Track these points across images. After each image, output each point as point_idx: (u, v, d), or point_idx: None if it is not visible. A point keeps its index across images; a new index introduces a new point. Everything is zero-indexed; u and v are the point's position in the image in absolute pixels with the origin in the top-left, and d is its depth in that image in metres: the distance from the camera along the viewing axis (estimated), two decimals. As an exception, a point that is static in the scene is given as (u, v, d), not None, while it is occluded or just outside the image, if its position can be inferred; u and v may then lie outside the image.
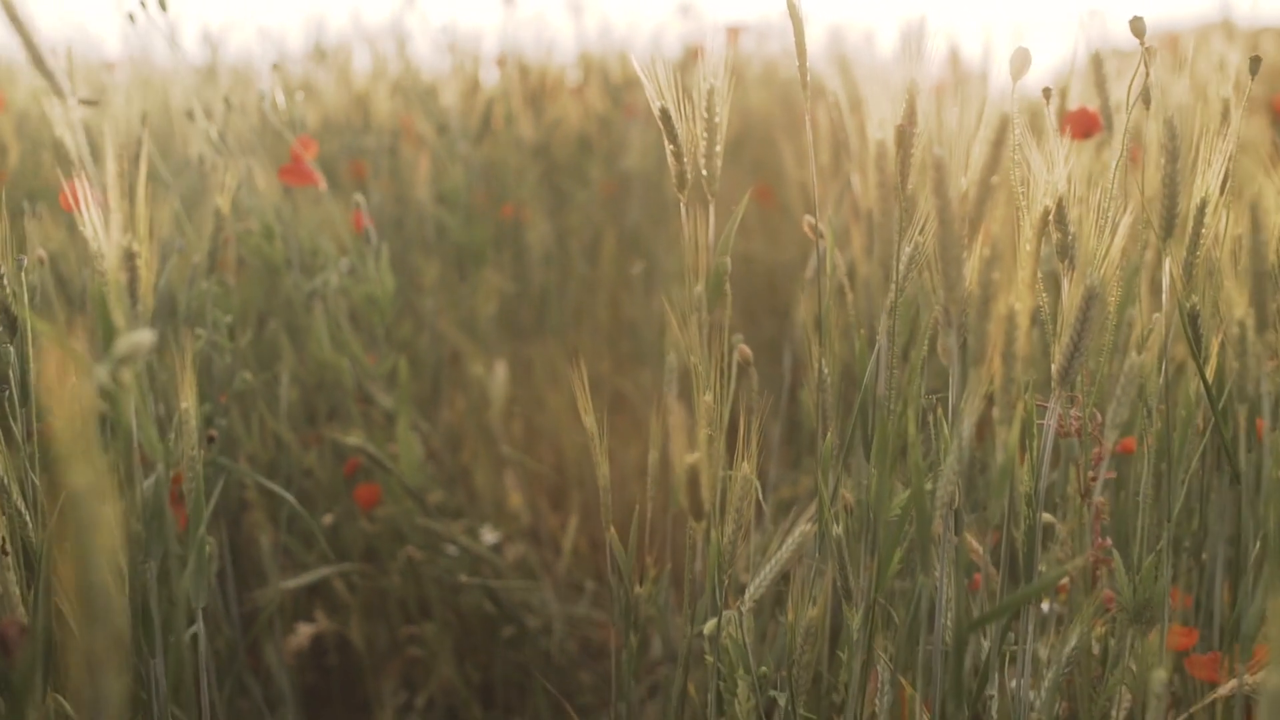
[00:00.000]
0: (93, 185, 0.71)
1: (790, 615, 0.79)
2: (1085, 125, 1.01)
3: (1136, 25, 0.80)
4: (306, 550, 1.32)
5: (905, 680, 0.78)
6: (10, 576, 0.75)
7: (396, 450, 1.32)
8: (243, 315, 1.33)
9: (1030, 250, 0.69)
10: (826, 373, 0.86)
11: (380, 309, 1.31)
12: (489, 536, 1.45)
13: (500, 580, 1.35)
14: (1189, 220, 0.79)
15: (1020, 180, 0.75)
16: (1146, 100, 0.82)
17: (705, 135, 0.80)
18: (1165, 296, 0.78)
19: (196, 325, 1.13)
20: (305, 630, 1.31)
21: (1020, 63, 0.74)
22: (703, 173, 0.81)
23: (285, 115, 1.32)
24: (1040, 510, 0.76)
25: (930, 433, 0.75)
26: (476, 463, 1.58)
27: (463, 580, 1.33)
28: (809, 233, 0.90)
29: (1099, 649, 0.83)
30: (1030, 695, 0.77)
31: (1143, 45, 0.81)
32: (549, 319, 1.93)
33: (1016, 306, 0.67)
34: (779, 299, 1.98)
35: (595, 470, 0.83)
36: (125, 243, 0.68)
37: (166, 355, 1.09)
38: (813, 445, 0.90)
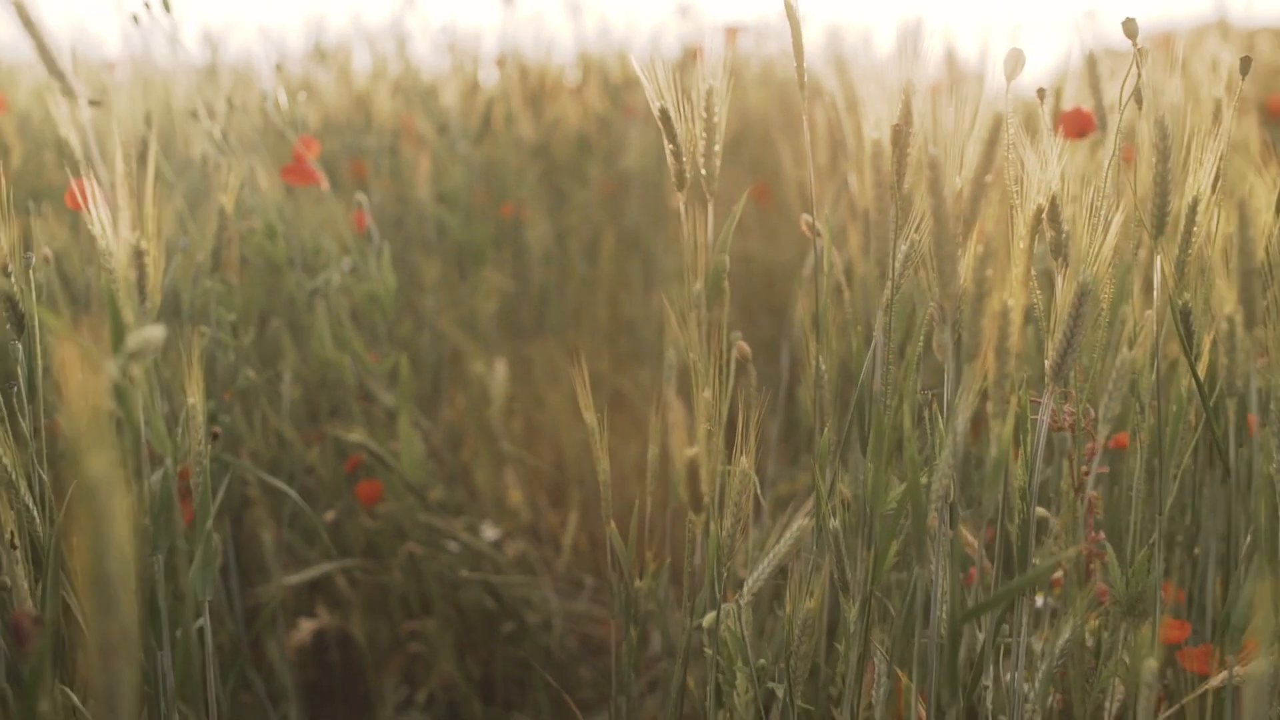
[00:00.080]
0: (100, 184, 0.72)
1: (788, 607, 0.80)
2: (1079, 125, 1.02)
3: (1129, 26, 0.81)
4: (308, 546, 1.33)
5: (901, 671, 0.79)
6: (19, 570, 0.76)
7: (398, 447, 1.33)
8: (246, 313, 1.34)
9: (1024, 248, 0.70)
10: (824, 369, 0.87)
11: (382, 307, 1.32)
12: (489, 533, 1.46)
13: (500, 576, 1.36)
14: (1181, 219, 0.80)
15: (1014, 179, 0.76)
16: (1139, 100, 0.83)
17: (704, 135, 0.81)
18: (1156, 294, 0.79)
19: (200, 323, 1.14)
20: (307, 626, 1.32)
21: (1014, 63, 0.75)
22: (701, 172, 0.82)
23: (287, 115, 1.33)
24: (1034, 504, 0.77)
25: (926, 428, 0.77)
26: (477, 460, 1.59)
27: (463, 576, 1.34)
28: (806, 231, 0.91)
29: (1092, 642, 0.84)
30: (1024, 687, 0.78)
31: (1135, 46, 0.82)
32: (549, 318, 1.94)
33: (1010, 303, 0.68)
34: (777, 297, 1.99)
35: (595, 467, 0.84)
36: (134, 240, 0.69)
37: (170, 353, 1.10)
38: (810, 443, 0.91)
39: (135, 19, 1.29)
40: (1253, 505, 0.82)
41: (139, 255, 0.69)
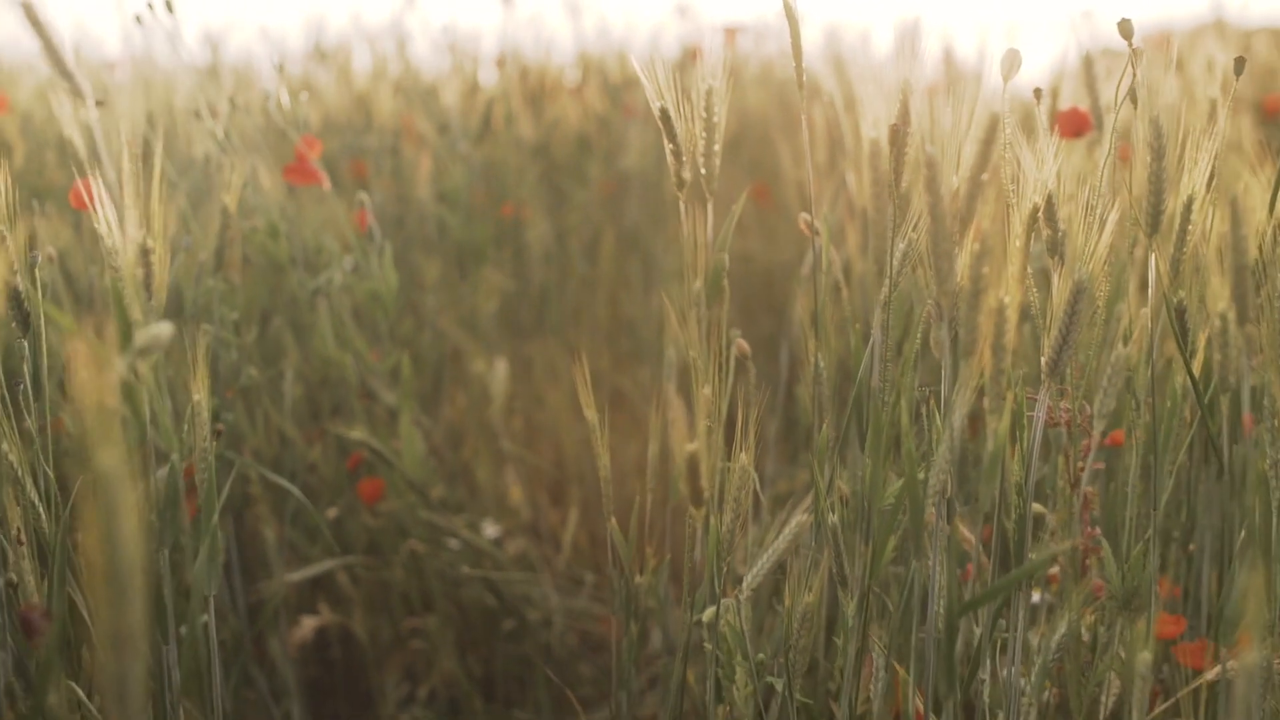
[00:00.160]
0: (105, 183, 0.73)
1: (787, 602, 0.80)
2: (1076, 124, 1.03)
3: (1124, 27, 0.82)
4: (310, 544, 1.33)
5: (899, 666, 0.80)
6: (26, 566, 0.77)
7: (399, 445, 1.34)
8: (248, 312, 1.34)
9: (1020, 246, 0.71)
10: (822, 367, 0.87)
11: (384, 306, 1.33)
12: (490, 531, 1.46)
13: (501, 574, 1.37)
14: (1176, 217, 0.80)
15: (1011, 178, 0.77)
16: (1135, 100, 0.84)
17: (704, 135, 0.82)
18: (1151, 291, 0.80)
19: (203, 322, 1.15)
20: (309, 623, 1.32)
21: (1011, 64, 0.76)
22: (701, 172, 0.83)
23: (289, 115, 1.34)
24: (1030, 500, 0.78)
25: (923, 424, 0.77)
26: (478, 458, 1.60)
27: (464, 574, 1.34)
28: (805, 230, 0.92)
29: (1088, 637, 0.84)
30: (1020, 681, 0.79)
31: (1130, 46, 0.83)
32: (549, 317, 1.95)
33: (1006, 300, 0.68)
34: (776, 296, 2.00)
35: (595, 465, 0.85)
36: (141, 239, 0.70)
37: (174, 351, 1.11)
38: (809, 441, 0.91)
39: (138, 19, 1.30)
40: (1247, 501, 0.83)
41: (145, 254, 0.70)
